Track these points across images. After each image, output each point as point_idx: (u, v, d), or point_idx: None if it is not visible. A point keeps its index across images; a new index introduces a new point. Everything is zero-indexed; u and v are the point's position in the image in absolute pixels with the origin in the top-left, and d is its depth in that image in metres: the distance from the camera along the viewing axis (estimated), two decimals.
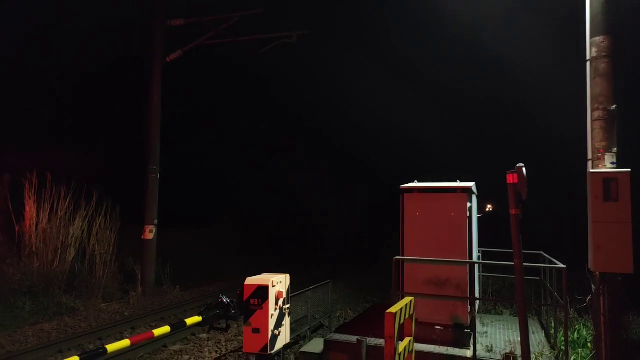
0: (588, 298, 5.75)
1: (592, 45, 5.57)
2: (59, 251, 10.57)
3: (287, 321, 4.86)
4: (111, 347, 3.62)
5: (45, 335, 8.23)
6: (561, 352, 5.74)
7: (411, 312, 4.36)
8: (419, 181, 7.14)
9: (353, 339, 6.30)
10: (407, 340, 4.30)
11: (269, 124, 28.64)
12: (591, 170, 5.40)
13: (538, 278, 8.03)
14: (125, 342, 3.76)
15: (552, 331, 6.68)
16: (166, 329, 4.17)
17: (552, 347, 6.22)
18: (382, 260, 11.61)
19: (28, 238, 10.38)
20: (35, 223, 10.46)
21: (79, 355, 3.40)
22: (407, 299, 4.34)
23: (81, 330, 8.57)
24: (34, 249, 10.33)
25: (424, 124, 28.39)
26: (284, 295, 4.77)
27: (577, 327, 6.95)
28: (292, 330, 6.07)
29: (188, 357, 7.35)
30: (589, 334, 6.58)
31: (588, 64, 5.62)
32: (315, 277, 12.23)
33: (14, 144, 15.22)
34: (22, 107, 16.59)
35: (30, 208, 10.47)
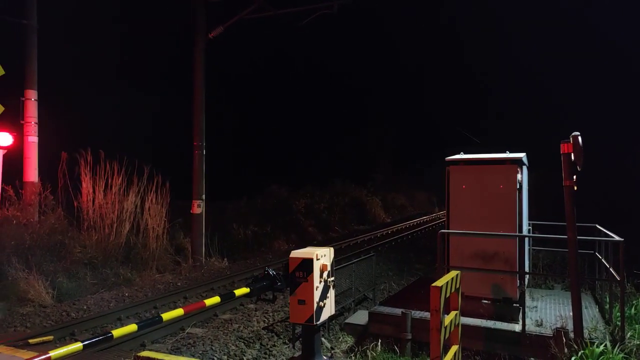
0: None
1: None
2: (115, 225, 11.11)
3: (331, 293, 4.93)
4: (166, 316, 3.80)
5: (105, 304, 8.76)
6: (617, 328, 5.53)
7: (457, 286, 4.31)
8: (464, 153, 6.95)
9: (398, 311, 6.33)
10: (453, 313, 4.27)
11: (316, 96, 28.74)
12: None
13: (592, 252, 7.72)
14: (179, 311, 3.94)
15: (607, 306, 6.43)
16: (216, 299, 4.33)
17: (607, 323, 6.00)
18: None
19: (86, 213, 10.96)
20: (91, 199, 11.02)
21: (137, 323, 3.61)
22: (453, 273, 4.28)
23: (138, 300, 9.06)
24: (91, 223, 10.92)
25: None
26: (329, 268, 4.82)
27: (634, 302, 6.65)
28: (336, 302, 6.16)
29: (238, 325, 7.63)
30: None
31: None
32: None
33: (68, 121, 15.96)
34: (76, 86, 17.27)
35: (86, 184, 11.01)
